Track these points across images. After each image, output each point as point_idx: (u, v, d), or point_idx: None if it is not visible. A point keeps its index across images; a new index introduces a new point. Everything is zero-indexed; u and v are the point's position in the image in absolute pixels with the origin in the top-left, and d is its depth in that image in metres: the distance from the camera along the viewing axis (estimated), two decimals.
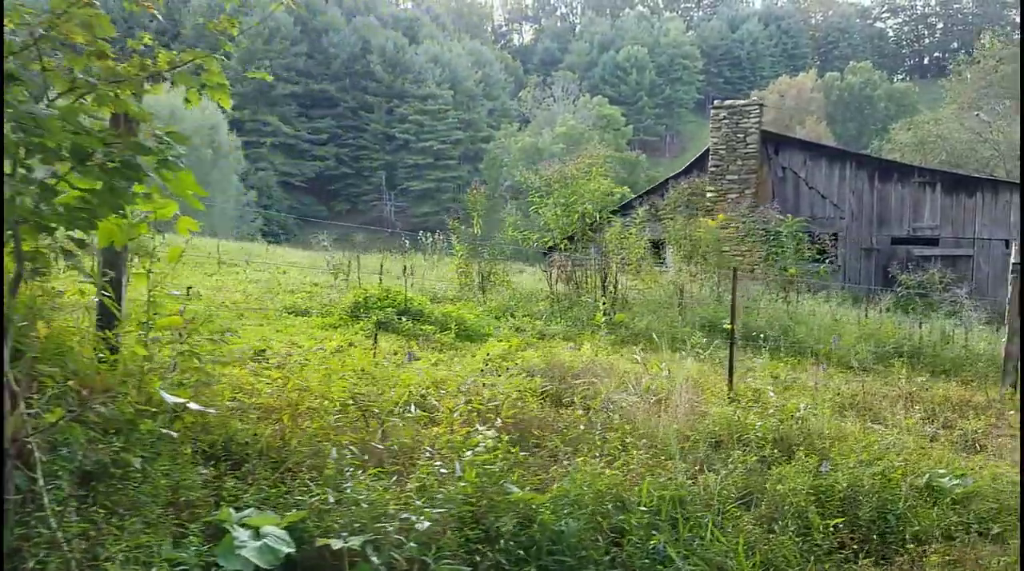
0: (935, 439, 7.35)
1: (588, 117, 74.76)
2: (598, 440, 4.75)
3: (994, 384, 9.51)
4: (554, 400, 5.83)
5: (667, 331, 9.25)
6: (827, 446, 5.79)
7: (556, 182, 10.43)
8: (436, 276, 11.19)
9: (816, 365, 9.44)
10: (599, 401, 5.38)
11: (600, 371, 6.63)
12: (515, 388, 5.14)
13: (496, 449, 3.89)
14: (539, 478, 3.95)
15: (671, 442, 4.79)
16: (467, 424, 4.48)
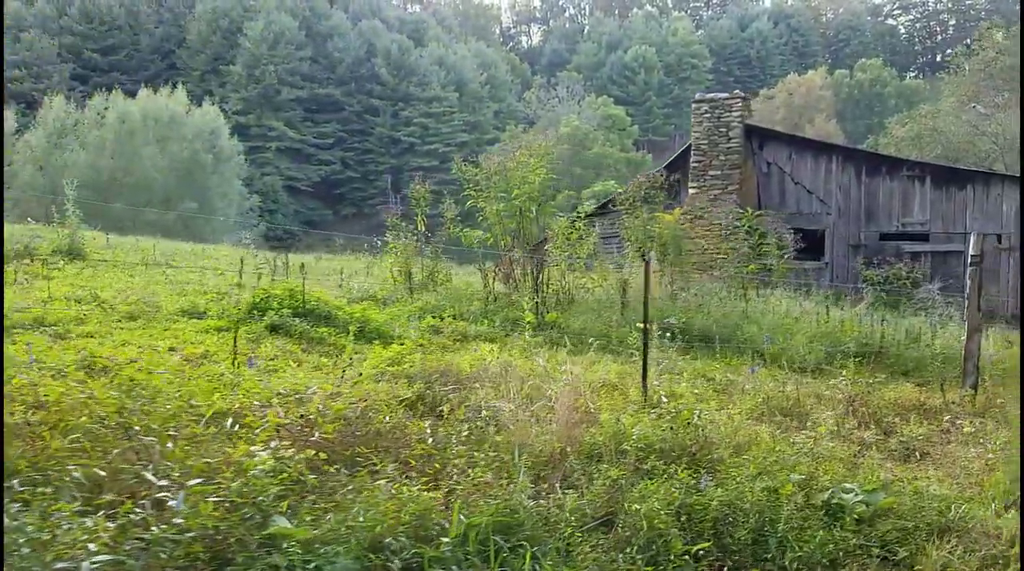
0: (870, 447, 6.75)
1: (593, 117, 74.21)
2: (439, 456, 4.22)
3: (955, 386, 8.86)
4: (428, 409, 5.30)
5: (605, 331, 8.69)
6: (726, 456, 5.22)
7: (496, 175, 9.91)
8: (379, 276, 10.71)
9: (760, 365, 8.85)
10: (462, 412, 4.84)
11: (497, 376, 6.08)
12: (361, 397, 4.60)
13: (281, 473, 3.36)
14: (331, 505, 3.41)
15: (515, 457, 4.23)
16: (284, 440, 3.95)
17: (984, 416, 7.93)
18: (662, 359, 8.13)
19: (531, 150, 10.16)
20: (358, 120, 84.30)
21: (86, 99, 55.10)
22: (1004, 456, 6.36)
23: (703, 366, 8.34)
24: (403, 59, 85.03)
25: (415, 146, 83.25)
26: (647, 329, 6.32)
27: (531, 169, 9.58)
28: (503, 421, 5.09)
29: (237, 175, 61.60)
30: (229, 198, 59.85)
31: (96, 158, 50.92)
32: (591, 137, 68.97)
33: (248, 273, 9.06)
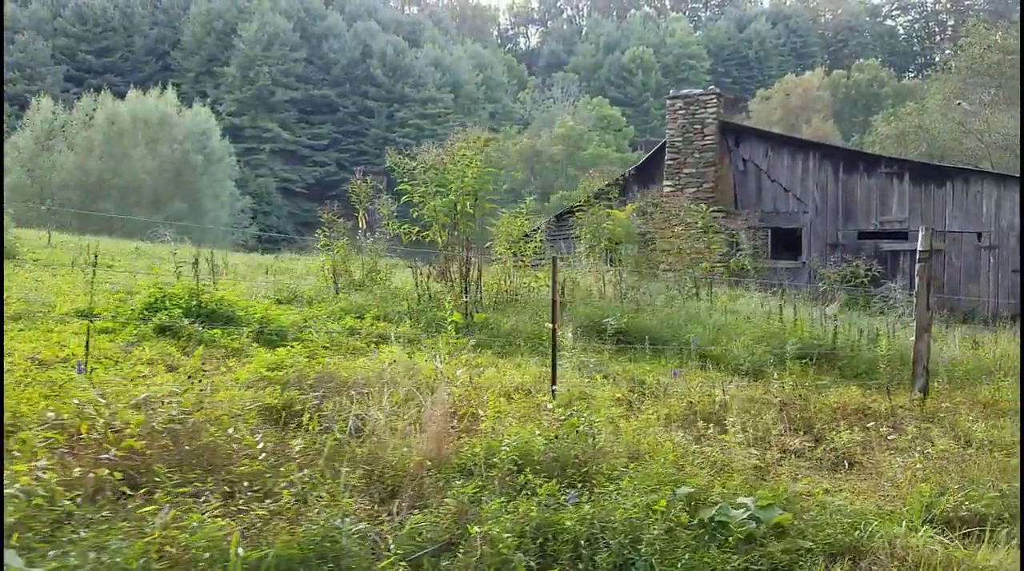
0: (797, 454, 6.30)
1: (588, 118, 73.86)
2: (272, 475, 3.78)
3: (907, 389, 8.41)
4: (292, 419, 4.85)
5: (538, 332, 8.24)
6: (619, 467, 4.76)
7: (432, 167, 9.49)
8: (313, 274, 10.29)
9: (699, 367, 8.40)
10: (316, 424, 4.40)
11: (388, 381, 5.63)
12: (196, 405, 4.17)
13: (35, 498, 2.93)
14: (91, 537, 2.97)
15: (347, 475, 3.78)
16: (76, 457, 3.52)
17: (933, 421, 7.48)
18: (592, 361, 7.70)
19: (467, 142, 9.73)
20: (353, 121, 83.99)
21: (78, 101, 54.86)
22: (937, 466, 5.91)
23: (636, 368, 7.89)
24: (398, 60, 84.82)
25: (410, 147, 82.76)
26: (555, 330, 5.87)
27: (467, 162, 9.16)
28: (375, 431, 4.65)
29: (229, 176, 61.29)
30: (221, 200, 59.55)
31: (84, 160, 50.63)
32: (586, 138, 68.62)
33: (181, 272, 8.61)
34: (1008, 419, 7.67)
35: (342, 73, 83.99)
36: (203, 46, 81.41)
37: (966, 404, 8.08)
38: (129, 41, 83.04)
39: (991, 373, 9.15)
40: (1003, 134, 27.43)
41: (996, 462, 6.13)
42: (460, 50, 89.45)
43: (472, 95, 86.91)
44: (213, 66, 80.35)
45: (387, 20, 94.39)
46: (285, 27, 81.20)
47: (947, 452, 6.23)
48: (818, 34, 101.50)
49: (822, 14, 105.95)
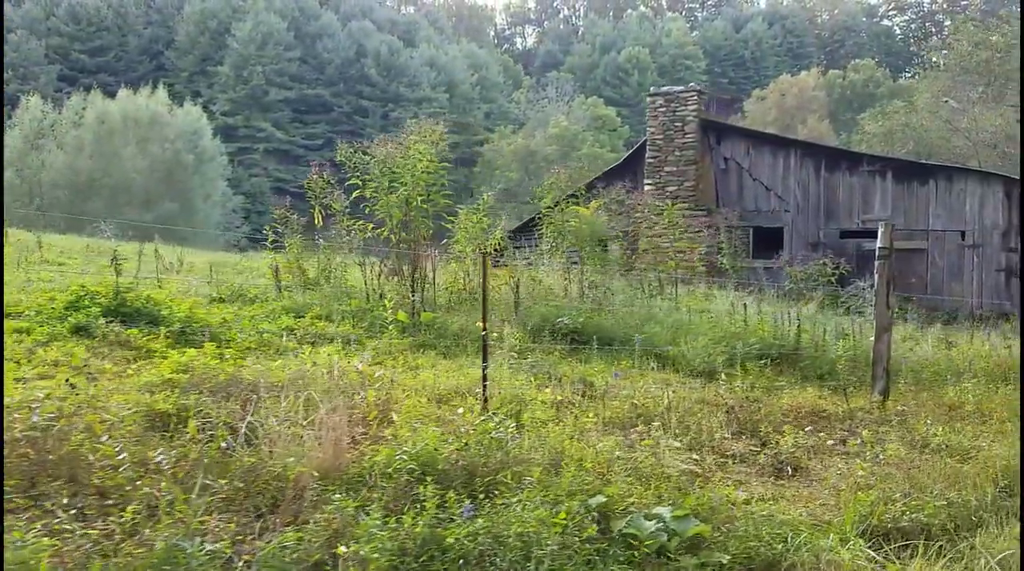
0: (741, 459, 6.00)
1: (583, 118, 73.69)
2: (129, 488, 3.49)
3: (868, 391, 8.12)
4: (183, 425, 4.55)
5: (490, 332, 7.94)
6: (535, 476, 4.46)
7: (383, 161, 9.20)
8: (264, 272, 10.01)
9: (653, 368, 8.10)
10: (194, 429, 4.10)
11: (306, 383, 5.34)
12: (57, 410, 3.88)
13: None
14: None
15: (223, 487, 3.49)
16: None
17: (890, 425, 7.19)
18: (540, 362, 7.40)
19: (420, 134, 9.43)
20: (347, 121, 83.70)
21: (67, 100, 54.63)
22: (884, 472, 5.61)
23: (587, 369, 7.60)
24: (393, 60, 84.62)
25: None
26: (486, 332, 5.58)
27: (418, 156, 8.86)
28: (269, 439, 4.35)
29: (221, 176, 61.02)
30: (212, 199, 59.30)
31: (74, 159, 50.39)
32: (580, 137, 68.44)
33: (121, 269, 8.31)
34: (968, 422, 7.39)
35: (336, 73, 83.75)
36: (197, 45, 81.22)
37: (929, 407, 7.79)
38: (123, 40, 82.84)
39: (961, 375, 8.86)
40: (991, 132, 27.12)
41: (949, 468, 5.84)
42: (455, 50, 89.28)
43: (467, 95, 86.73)
44: (207, 65, 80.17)
45: (382, 20, 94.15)
46: (279, 27, 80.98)
47: (897, 457, 5.94)
48: (814, 34, 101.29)
49: (819, 14, 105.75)
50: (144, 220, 48.17)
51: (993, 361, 9.55)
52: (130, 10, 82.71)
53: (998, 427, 7.29)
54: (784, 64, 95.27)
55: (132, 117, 54.46)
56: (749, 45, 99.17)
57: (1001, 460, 5.88)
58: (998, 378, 8.86)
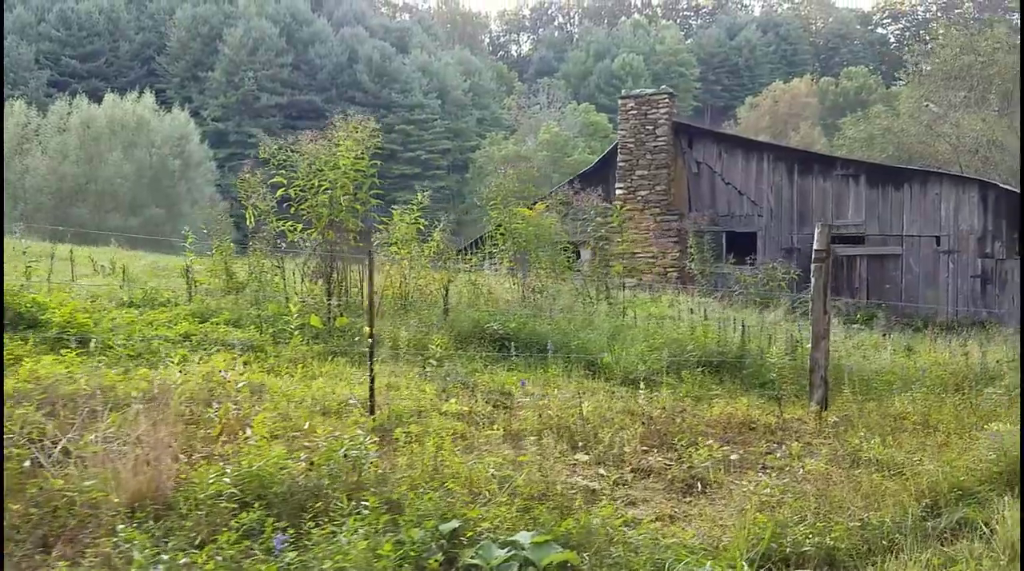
0: (647, 474, 5.58)
1: (574, 124, 73.53)
2: None
3: (807, 401, 7.70)
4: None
5: (408, 337, 7.53)
6: (385, 498, 4.03)
7: (305, 157, 8.79)
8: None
9: (586, 376, 7.68)
10: None
11: (157, 395, 4.90)
12: None
13: None
14: None
15: None
16: None
17: (824, 437, 6.77)
18: (457, 371, 6.97)
19: (348, 129, 9.03)
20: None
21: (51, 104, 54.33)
22: (799, 489, 5.19)
23: (509, 378, 7.17)
24: (385, 66, 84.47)
25: (397, 153, 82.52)
26: (372, 336, 5.16)
27: (343, 152, 8.46)
28: (87, 459, 3.91)
29: (208, 181, 60.62)
30: (200, 205, 58.85)
31: (59, 164, 50.04)
32: (571, 144, 68.21)
33: (31, 271, 7.89)
34: (913, 434, 6.98)
35: (328, 78, 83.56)
36: (188, 51, 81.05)
37: (873, 417, 7.38)
38: (114, 46, 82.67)
39: (912, 384, 8.45)
40: (973, 137, 26.77)
41: (873, 485, 5.42)
42: (448, 56, 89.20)
43: (459, 101, 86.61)
44: (198, 71, 79.97)
45: (375, 26, 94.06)
46: (271, 32, 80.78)
47: (818, 473, 5.51)
48: (809, 42, 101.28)
49: (813, 22, 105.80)
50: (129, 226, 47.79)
51: (949, 370, 9.14)
52: (121, 15, 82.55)
53: (943, 439, 6.88)
54: (778, 72, 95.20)
55: (118, 122, 54.15)
56: (743, 52, 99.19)
57: (930, 476, 5.47)
58: (951, 388, 8.45)
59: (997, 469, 5.83)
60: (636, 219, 18.33)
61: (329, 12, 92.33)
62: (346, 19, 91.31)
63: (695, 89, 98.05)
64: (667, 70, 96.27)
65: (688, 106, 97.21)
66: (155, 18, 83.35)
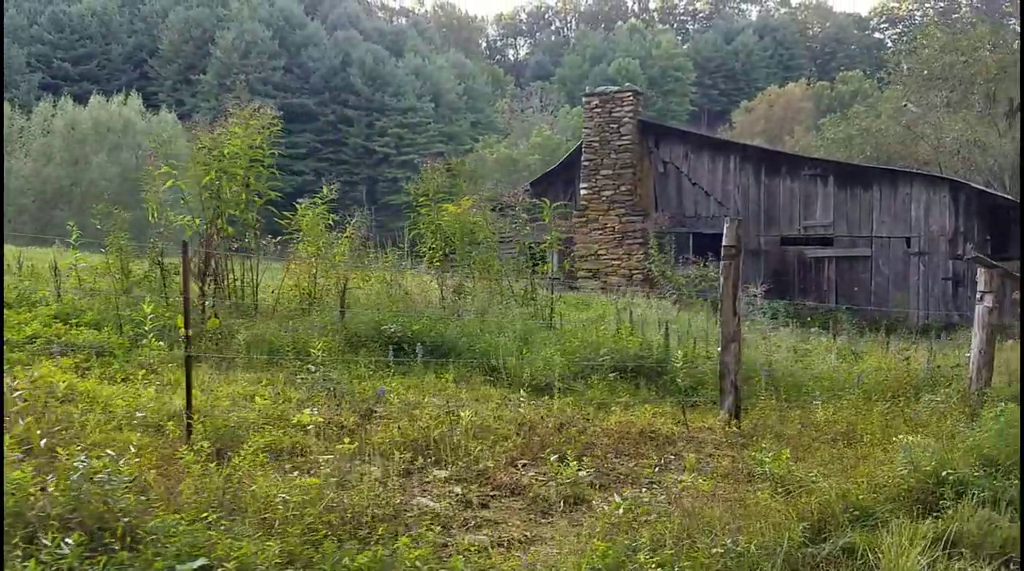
0: (517, 492, 5.02)
1: (567, 127, 73.16)
2: None
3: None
4: None
5: (291, 341, 6.99)
6: (142, 531, 3.48)
7: (202, 147, 8.27)
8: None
9: (489, 384, 7.13)
10: None
11: None
12: None
13: None
14: None
15: None
16: None
17: (730, 448, 6.22)
18: (330, 378, 6.39)
19: (242, 116, 8.50)
20: (332, 130, 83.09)
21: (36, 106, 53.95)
22: (667, 510, 4.63)
23: (397, 384, 6.62)
24: (379, 69, 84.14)
25: (390, 157, 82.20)
26: (188, 337, 4.61)
27: (231, 140, 7.93)
28: None
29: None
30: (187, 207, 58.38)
31: (43, 167, 49.64)
32: (563, 147, 67.78)
33: None
34: (836, 445, 6.43)
35: (321, 82, 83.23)
36: (180, 54, 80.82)
37: (794, 427, 6.82)
38: (106, 49, 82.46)
39: (846, 390, 7.89)
40: (953, 138, 26.18)
41: (759, 503, 4.86)
42: (442, 59, 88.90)
43: (453, 105, 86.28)
44: (190, 74, 79.69)
45: (370, 30, 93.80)
46: (263, 35, 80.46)
47: (699, 489, 4.96)
48: (805, 46, 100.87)
49: (810, 27, 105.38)
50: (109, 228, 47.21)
51: (892, 376, 8.57)
52: (114, 18, 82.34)
53: (864, 451, 6.32)
54: (775, 76, 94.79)
55: (104, 124, 53.76)
56: (740, 57, 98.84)
57: (822, 494, 4.91)
58: (887, 394, 7.89)
59: (906, 486, 5.28)
60: (601, 220, 17.81)
61: (324, 15, 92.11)
62: (340, 22, 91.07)
63: (691, 93, 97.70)
64: (663, 74, 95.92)
65: (684, 110, 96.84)
66: (148, 21, 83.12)
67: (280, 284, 8.59)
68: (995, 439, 6.03)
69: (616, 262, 17.29)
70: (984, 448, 5.93)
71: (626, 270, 17.36)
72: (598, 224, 17.34)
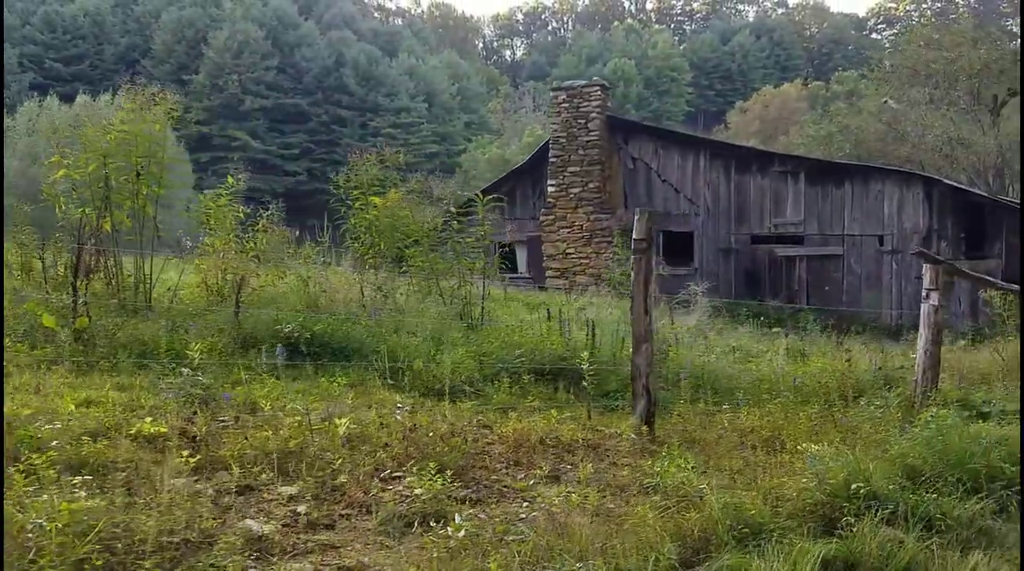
0: (370, 510, 4.55)
1: None
2: None
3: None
4: None
5: (168, 343, 6.53)
6: None
7: (87, 133, 7.84)
8: None
9: (384, 387, 6.66)
10: None
11: None
12: None
13: None
14: None
15: None
16: None
17: (634, 456, 5.76)
18: (200, 382, 5.87)
19: (135, 97, 8.06)
20: (325, 131, 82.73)
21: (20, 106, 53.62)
22: (528, 525, 4.17)
23: (282, 389, 6.15)
24: (372, 69, 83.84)
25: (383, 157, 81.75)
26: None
27: (116, 124, 7.50)
28: None
29: (184, 184, 59.78)
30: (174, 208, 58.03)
31: (28, 167, 49.29)
32: None
33: None
34: (756, 452, 5.97)
35: (314, 82, 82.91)
36: (173, 54, 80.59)
37: (715, 432, 6.37)
38: (99, 49, 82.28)
39: (778, 394, 7.43)
40: (936, 135, 25.66)
41: (636, 520, 4.40)
42: (436, 60, 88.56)
43: (447, 105, 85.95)
44: (183, 74, 79.45)
45: (365, 30, 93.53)
46: (256, 35, 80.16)
47: (571, 503, 4.50)
48: (803, 47, 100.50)
49: (807, 27, 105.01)
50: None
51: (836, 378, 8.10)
52: (107, 19, 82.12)
53: (787, 459, 5.85)
54: (771, 77, 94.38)
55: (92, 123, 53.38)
56: (736, 57, 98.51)
57: (707, 509, 4.44)
58: (825, 397, 7.43)
59: (811, 499, 4.82)
60: (569, 218, 17.36)
61: (318, 16, 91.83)
62: (335, 22, 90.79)
63: (688, 94, 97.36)
64: (659, 75, 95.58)
65: (680, 111, 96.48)
66: (140, 21, 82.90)
67: (177, 281, 8.16)
68: (922, 448, 5.57)
69: (584, 261, 16.85)
70: (909, 458, 5.48)
71: (595, 269, 16.91)
72: (566, 222, 16.90)
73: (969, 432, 5.75)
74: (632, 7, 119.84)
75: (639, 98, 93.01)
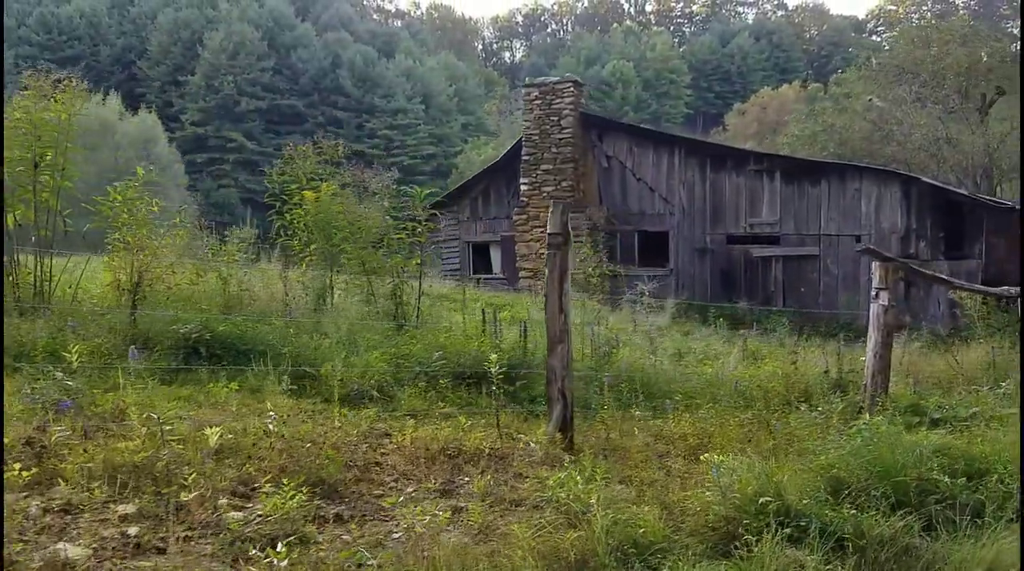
0: (214, 530, 4.13)
1: None
2: None
3: None
4: None
5: (46, 344, 6.13)
6: None
7: None
8: None
9: (288, 392, 6.24)
10: None
11: None
12: None
13: None
14: None
15: None
16: None
17: (550, 465, 5.34)
18: (69, 388, 5.43)
19: (38, 88, 7.65)
20: (321, 132, 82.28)
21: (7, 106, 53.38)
22: (391, 549, 3.76)
23: (163, 395, 5.74)
24: (368, 71, 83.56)
25: (380, 158, 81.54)
26: None
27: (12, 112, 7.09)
28: None
29: (177, 185, 59.50)
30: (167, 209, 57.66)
31: None
32: None
33: None
34: (672, 462, 5.56)
35: (310, 83, 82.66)
36: (169, 55, 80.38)
37: (639, 441, 5.95)
38: (95, 50, 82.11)
39: (717, 400, 7.01)
40: (923, 134, 25.19)
41: (505, 539, 3.98)
42: (433, 61, 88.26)
43: (444, 106, 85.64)
44: (179, 75, 79.24)
45: (363, 32, 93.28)
46: (252, 36, 79.90)
47: (442, 524, 4.08)
48: (802, 49, 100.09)
49: (807, 30, 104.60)
50: (79, 230, 46.58)
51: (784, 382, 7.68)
52: (103, 20, 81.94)
53: (708, 469, 5.41)
54: (771, 79, 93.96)
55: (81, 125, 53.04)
56: (735, 59, 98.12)
57: (580, 532, 4.02)
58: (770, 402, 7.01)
59: (713, 515, 4.40)
60: (542, 218, 16.90)
61: (315, 17, 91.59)
62: (332, 24, 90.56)
63: (687, 96, 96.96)
64: (658, 77, 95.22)
65: (679, 113, 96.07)
66: (136, 23, 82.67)
67: (79, 279, 7.77)
68: (849, 458, 5.13)
69: None
70: (835, 469, 5.05)
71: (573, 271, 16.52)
72: (539, 222, 16.47)
73: (903, 441, 5.32)
74: (631, 9, 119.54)
75: (638, 100, 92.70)
